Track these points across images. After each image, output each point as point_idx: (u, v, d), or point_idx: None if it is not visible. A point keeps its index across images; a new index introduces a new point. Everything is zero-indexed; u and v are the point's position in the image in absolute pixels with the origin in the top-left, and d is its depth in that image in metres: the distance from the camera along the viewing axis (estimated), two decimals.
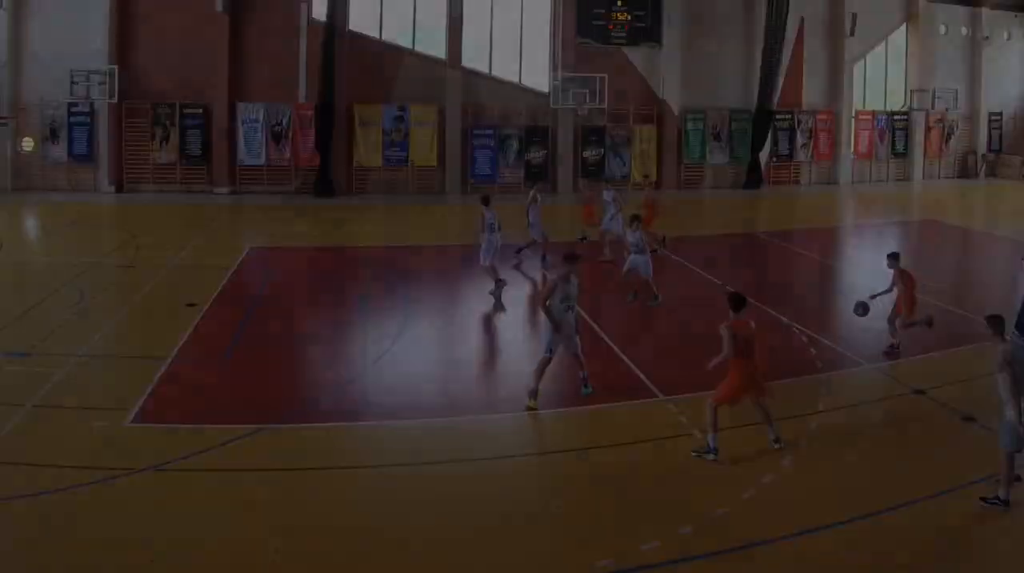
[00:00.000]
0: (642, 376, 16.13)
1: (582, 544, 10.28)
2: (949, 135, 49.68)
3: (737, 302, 13.03)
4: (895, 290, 17.22)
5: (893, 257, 17.38)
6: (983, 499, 11.07)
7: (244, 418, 13.84)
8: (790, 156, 46.37)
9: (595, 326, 19.06)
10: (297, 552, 10.05)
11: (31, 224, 34.69)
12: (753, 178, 45.10)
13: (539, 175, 42.68)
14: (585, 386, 15.03)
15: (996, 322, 11.65)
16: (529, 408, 14.44)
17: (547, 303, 14.70)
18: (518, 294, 22.63)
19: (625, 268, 21.55)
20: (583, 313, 17.60)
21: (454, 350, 18.72)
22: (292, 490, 11.75)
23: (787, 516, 10.85)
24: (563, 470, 12.68)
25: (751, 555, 10.03)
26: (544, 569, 9.95)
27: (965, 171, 50.95)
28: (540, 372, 14.65)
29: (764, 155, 45.51)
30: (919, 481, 11.74)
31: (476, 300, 21.75)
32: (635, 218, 21.74)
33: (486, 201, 23.24)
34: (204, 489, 11.66)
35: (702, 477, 12.10)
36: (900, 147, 48.47)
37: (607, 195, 27.22)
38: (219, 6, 39.76)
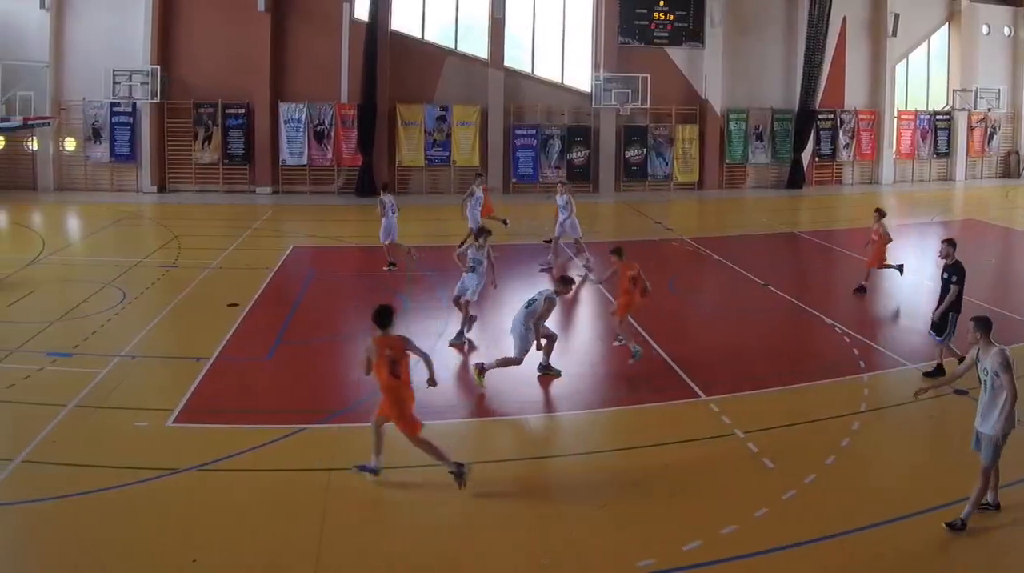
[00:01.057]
0: (684, 376, 15.41)
1: (624, 543, 9.87)
2: (991, 135, 47.08)
3: (382, 318, 11.43)
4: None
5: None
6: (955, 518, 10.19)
7: (286, 418, 13.34)
8: (832, 156, 44.06)
9: (637, 326, 17.95)
10: (339, 551, 9.67)
11: (73, 224, 33.06)
12: (795, 178, 42.95)
13: (582, 175, 41.04)
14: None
15: (986, 325, 10.39)
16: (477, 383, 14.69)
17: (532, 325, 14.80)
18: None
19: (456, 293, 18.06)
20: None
21: (496, 349, 17.18)
22: (335, 490, 11.17)
23: (828, 516, 10.37)
24: (605, 469, 12.05)
25: (791, 556, 9.59)
26: (586, 568, 9.48)
27: (1007, 171, 48.33)
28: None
29: (806, 155, 43.30)
30: (962, 481, 10.62)
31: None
32: (482, 231, 18.22)
33: (385, 187, 24.63)
34: (247, 489, 11.21)
35: (744, 477, 11.57)
36: (942, 147, 46.00)
37: (561, 199, 24.67)
38: (261, 6, 37.91)
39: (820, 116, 43.11)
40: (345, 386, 15.27)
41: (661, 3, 41.54)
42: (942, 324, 15.17)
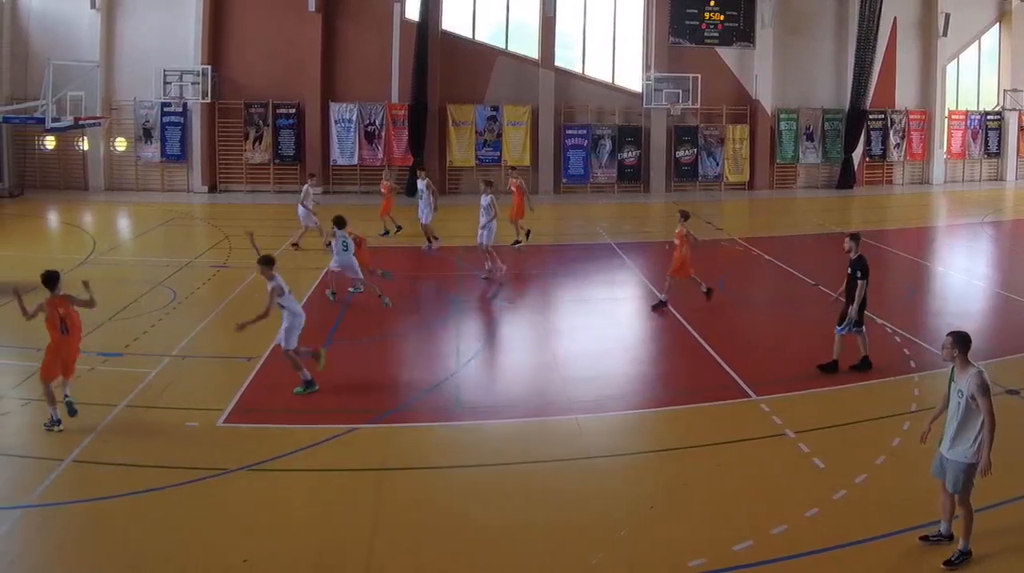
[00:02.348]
0: (735, 376, 14.69)
1: (675, 543, 9.48)
2: None
3: (49, 281, 12.47)
4: None
5: None
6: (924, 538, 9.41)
7: (337, 418, 12.88)
8: (883, 156, 41.12)
9: (688, 326, 17.65)
10: (389, 551, 9.31)
11: (124, 224, 31.12)
12: (846, 178, 40.15)
13: (633, 175, 38.63)
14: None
15: (964, 342, 9.11)
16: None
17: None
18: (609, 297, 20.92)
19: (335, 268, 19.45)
20: (677, 314, 18.05)
21: (545, 351, 16.95)
22: (386, 490, 10.81)
23: (879, 516, 9.87)
24: (656, 470, 11.54)
25: (842, 556, 9.15)
26: (637, 568, 9.05)
27: None
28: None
29: (857, 155, 40.43)
30: (1012, 481, 10.30)
31: (568, 299, 20.14)
32: (338, 219, 19.27)
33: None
34: (297, 489, 10.90)
35: (795, 477, 11.06)
36: (993, 147, 42.87)
37: (484, 200, 22.11)
38: (311, 6, 35.63)
39: (871, 116, 40.28)
40: (396, 386, 14.78)
41: (712, 3, 38.95)
42: (845, 316, 14.65)
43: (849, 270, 14.73)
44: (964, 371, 8.99)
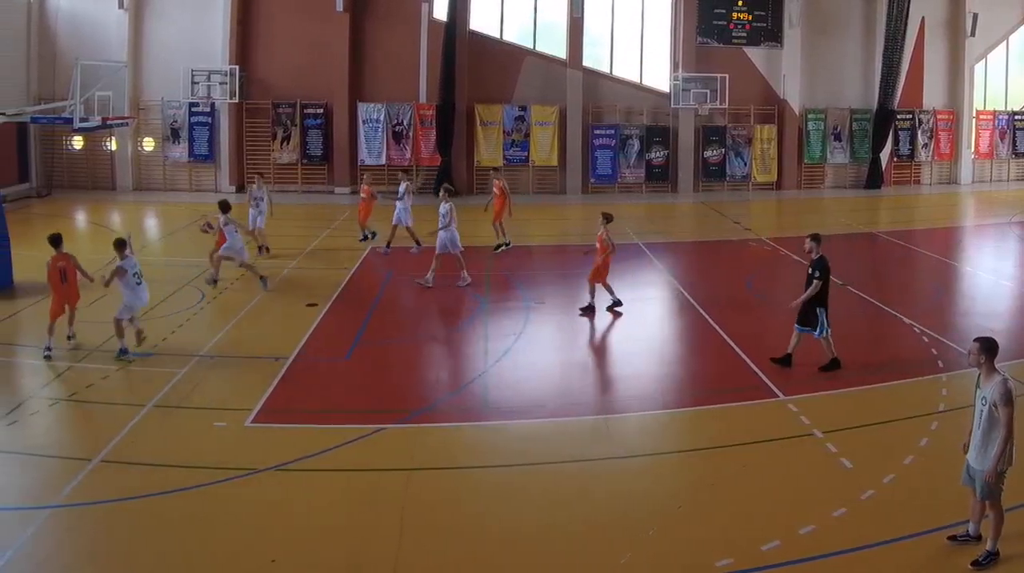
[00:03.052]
0: (762, 376, 14.29)
1: (702, 543, 9.14)
2: None
3: (54, 241, 15.50)
4: None
5: None
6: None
7: (365, 418, 12.58)
8: (911, 156, 39.57)
9: (716, 326, 17.18)
10: (419, 551, 9.02)
11: (152, 224, 30.05)
12: (874, 178, 38.66)
13: (661, 175, 37.29)
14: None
15: (991, 348, 8.72)
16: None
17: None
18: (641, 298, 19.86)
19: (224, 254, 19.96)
20: (704, 314, 17.76)
21: (573, 350, 16.68)
22: (414, 490, 10.48)
23: (907, 516, 9.59)
24: (683, 470, 11.36)
25: (870, 556, 8.84)
26: (664, 567, 8.83)
27: None
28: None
29: (884, 155, 38.94)
30: None
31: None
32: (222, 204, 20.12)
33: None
34: (325, 489, 10.58)
35: (822, 477, 10.76)
36: (1021, 147, 41.09)
37: (442, 208, 20.73)
38: (339, 6, 34.43)
39: (898, 116, 38.71)
40: (423, 386, 14.49)
41: (740, 3, 37.51)
42: (811, 318, 14.27)
43: (809, 270, 14.34)
44: (989, 378, 8.66)
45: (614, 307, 18.33)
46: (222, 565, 8.75)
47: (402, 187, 24.51)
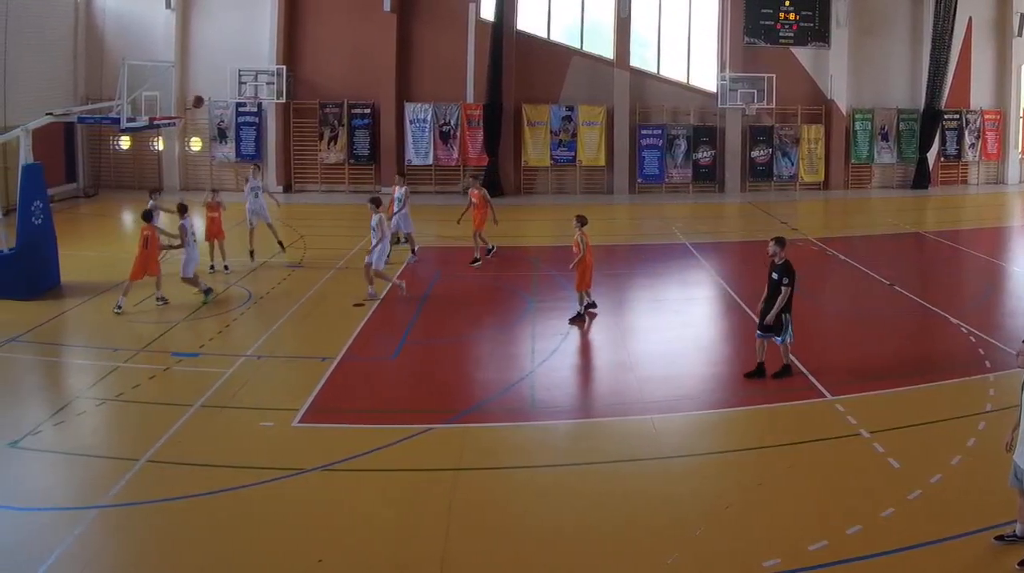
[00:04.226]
0: (810, 376, 13.66)
1: (750, 543, 8.72)
2: None
3: (146, 216, 17.35)
4: None
5: None
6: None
7: (412, 418, 11.98)
8: (958, 156, 37.43)
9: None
10: (464, 551, 8.61)
11: (199, 224, 28.30)
12: (921, 178, 36.61)
13: (708, 175, 35.37)
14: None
15: None
16: None
17: None
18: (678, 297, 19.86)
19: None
20: (752, 315, 15.75)
21: (620, 350, 15.76)
22: (461, 490, 9.96)
23: (955, 516, 9.08)
24: (730, 469, 10.69)
25: (918, 556, 8.42)
26: (711, 567, 8.37)
27: None
28: None
29: (932, 155, 36.83)
30: None
31: (643, 299, 19.27)
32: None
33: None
34: (372, 489, 10.04)
35: (870, 477, 10.18)
36: None
37: (372, 221, 19.07)
38: (386, 6, 32.59)
39: (946, 116, 36.58)
40: (470, 386, 13.83)
41: (787, 3, 35.46)
42: (776, 324, 13.37)
43: (774, 275, 13.31)
44: None
45: (589, 309, 17.23)
46: (269, 565, 8.41)
47: (401, 191, 22.25)
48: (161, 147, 33.61)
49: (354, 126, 33.67)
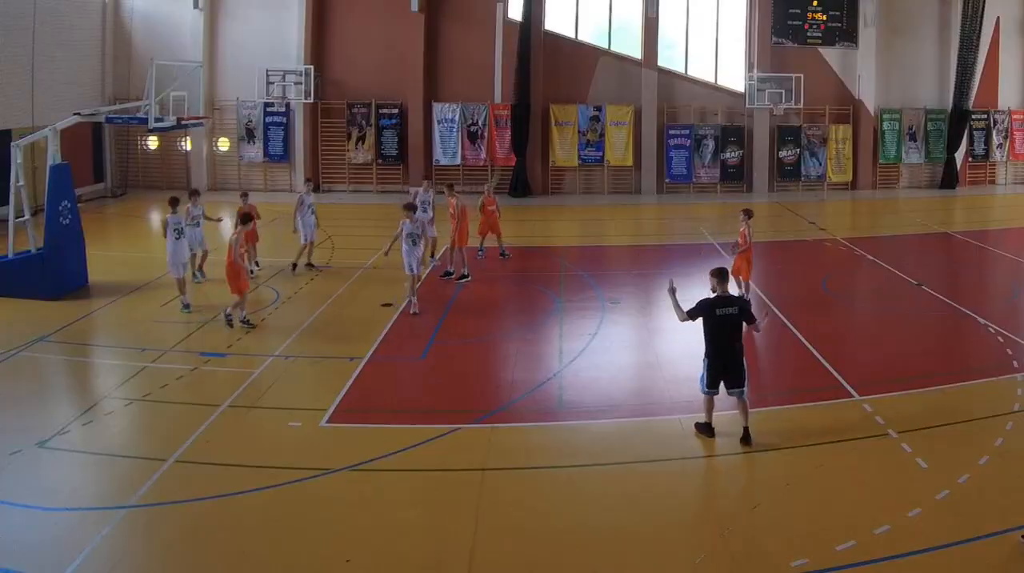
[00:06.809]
0: (837, 376, 13.05)
1: (778, 543, 8.40)
2: None
3: (244, 219, 16.05)
4: None
5: None
6: None
7: (440, 418, 11.50)
8: (986, 156, 35.53)
9: (790, 326, 15.66)
10: (492, 551, 8.30)
11: (227, 224, 26.96)
12: (949, 178, 34.76)
13: (736, 175, 33.61)
14: None
15: None
16: None
17: None
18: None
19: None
20: (779, 314, 16.21)
21: (648, 351, 15.20)
22: (488, 490, 9.54)
23: (983, 516, 8.71)
24: (758, 470, 10.22)
25: (946, 556, 8.09)
26: (739, 567, 8.05)
27: None
28: None
29: (960, 155, 34.99)
30: None
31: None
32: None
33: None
34: (400, 490, 9.63)
35: (897, 477, 9.70)
36: None
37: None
38: (414, 6, 30.98)
39: (974, 116, 34.71)
40: (498, 386, 13.16)
41: (815, 3, 33.62)
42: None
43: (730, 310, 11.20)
44: None
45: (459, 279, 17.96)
46: (296, 565, 8.11)
47: (428, 194, 20.80)
48: (189, 147, 32.15)
49: (382, 126, 32.12)
